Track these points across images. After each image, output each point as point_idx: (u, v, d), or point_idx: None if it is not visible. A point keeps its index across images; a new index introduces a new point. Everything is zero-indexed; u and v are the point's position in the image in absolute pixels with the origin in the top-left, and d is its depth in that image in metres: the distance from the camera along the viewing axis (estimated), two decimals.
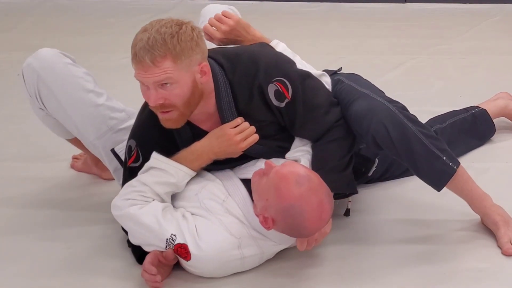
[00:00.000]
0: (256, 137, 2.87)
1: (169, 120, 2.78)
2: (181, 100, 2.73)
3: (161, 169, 2.84)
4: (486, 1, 5.67)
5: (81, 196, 3.42)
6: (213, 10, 3.30)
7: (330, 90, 3.09)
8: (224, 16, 3.14)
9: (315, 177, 2.71)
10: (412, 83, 4.49)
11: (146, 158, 2.89)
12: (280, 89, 2.87)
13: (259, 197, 2.73)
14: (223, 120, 2.88)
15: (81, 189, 3.48)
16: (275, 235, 2.79)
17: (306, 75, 2.97)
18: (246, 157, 2.93)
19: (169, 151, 2.87)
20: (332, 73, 3.25)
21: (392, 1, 5.81)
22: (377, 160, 3.19)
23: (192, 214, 2.82)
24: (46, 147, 3.75)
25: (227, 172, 2.94)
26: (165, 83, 2.68)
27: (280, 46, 3.13)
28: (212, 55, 2.84)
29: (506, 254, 2.90)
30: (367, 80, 3.20)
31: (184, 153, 2.87)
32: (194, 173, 2.88)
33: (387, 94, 3.10)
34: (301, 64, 3.08)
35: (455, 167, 2.92)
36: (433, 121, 3.59)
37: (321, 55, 3.68)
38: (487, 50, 4.93)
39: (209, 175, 2.94)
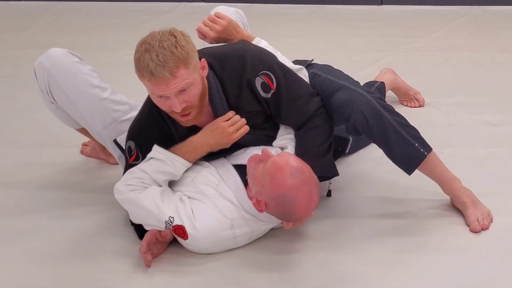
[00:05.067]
0: (246, 128, 2.86)
1: (190, 120, 2.78)
2: (197, 98, 2.73)
3: (160, 159, 2.83)
4: (454, 3, 5.67)
5: (90, 179, 3.41)
6: (222, 12, 3.29)
7: (308, 82, 3.09)
8: (217, 16, 3.11)
9: (308, 170, 2.70)
10: None
11: (146, 156, 2.88)
12: (266, 81, 2.86)
13: (255, 182, 2.72)
14: (216, 114, 2.87)
15: (89, 172, 3.47)
16: (264, 216, 2.78)
17: (287, 68, 2.97)
18: (236, 146, 2.92)
19: (168, 146, 2.86)
20: (307, 65, 3.23)
21: (369, 3, 5.81)
22: (351, 138, 3.18)
23: (189, 197, 2.81)
24: (58, 135, 3.73)
25: (221, 160, 2.93)
26: (184, 89, 2.66)
27: (262, 43, 3.10)
28: (200, 56, 2.80)
29: (473, 231, 2.90)
30: (339, 70, 3.18)
31: (181, 146, 2.86)
32: (190, 164, 2.88)
33: None
34: (282, 59, 3.05)
35: (425, 153, 2.92)
36: None
37: (305, 52, 3.67)
38: (455, 48, 4.93)
39: (204, 163, 2.93)
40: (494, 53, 4.81)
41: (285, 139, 2.97)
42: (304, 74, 3.09)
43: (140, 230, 2.88)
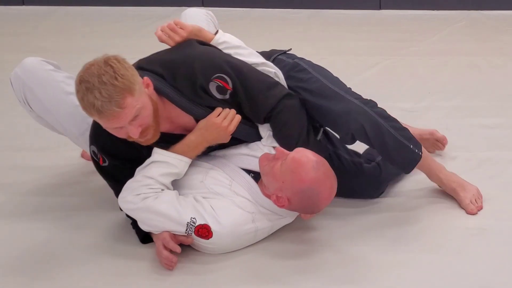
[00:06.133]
0: (239, 117, 2.87)
1: (149, 139, 2.76)
2: (151, 117, 2.70)
3: (164, 162, 2.81)
4: (452, 8, 5.66)
5: (90, 182, 3.40)
6: (193, 14, 3.26)
7: (277, 72, 3.02)
8: (177, 26, 2.96)
9: (326, 162, 2.74)
10: (386, 81, 4.48)
11: (110, 158, 2.88)
12: (220, 84, 2.84)
13: (273, 179, 2.73)
14: (194, 115, 2.85)
15: (90, 175, 3.45)
16: (282, 211, 2.81)
17: (240, 66, 2.91)
18: (232, 140, 2.92)
19: (131, 147, 2.83)
20: (281, 53, 3.18)
21: (368, 7, 5.80)
22: (322, 129, 3.12)
23: (203, 198, 2.80)
24: (58, 138, 3.70)
25: (221, 160, 2.93)
26: (137, 115, 2.63)
27: (226, 37, 3.02)
28: (148, 67, 2.79)
29: (470, 213, 3.00)
30: (325, 69, 3.14)
31: (180, 145, 2.85)
32: (190, 161, 2.87)
33: (363, 91, 3.10)
34: (247, 51, 3.02)
35: (420, 154, 2.98)
36: None
37: (304, 56, 3.65)
38: (453, 52, 4.93)
39: (207, 164, 2.93)
40: (492, 57, 4.81)
41: (271, 137, 2.95)
42: (270, 66, 3.02)
43: (142, 234, 2.88)
